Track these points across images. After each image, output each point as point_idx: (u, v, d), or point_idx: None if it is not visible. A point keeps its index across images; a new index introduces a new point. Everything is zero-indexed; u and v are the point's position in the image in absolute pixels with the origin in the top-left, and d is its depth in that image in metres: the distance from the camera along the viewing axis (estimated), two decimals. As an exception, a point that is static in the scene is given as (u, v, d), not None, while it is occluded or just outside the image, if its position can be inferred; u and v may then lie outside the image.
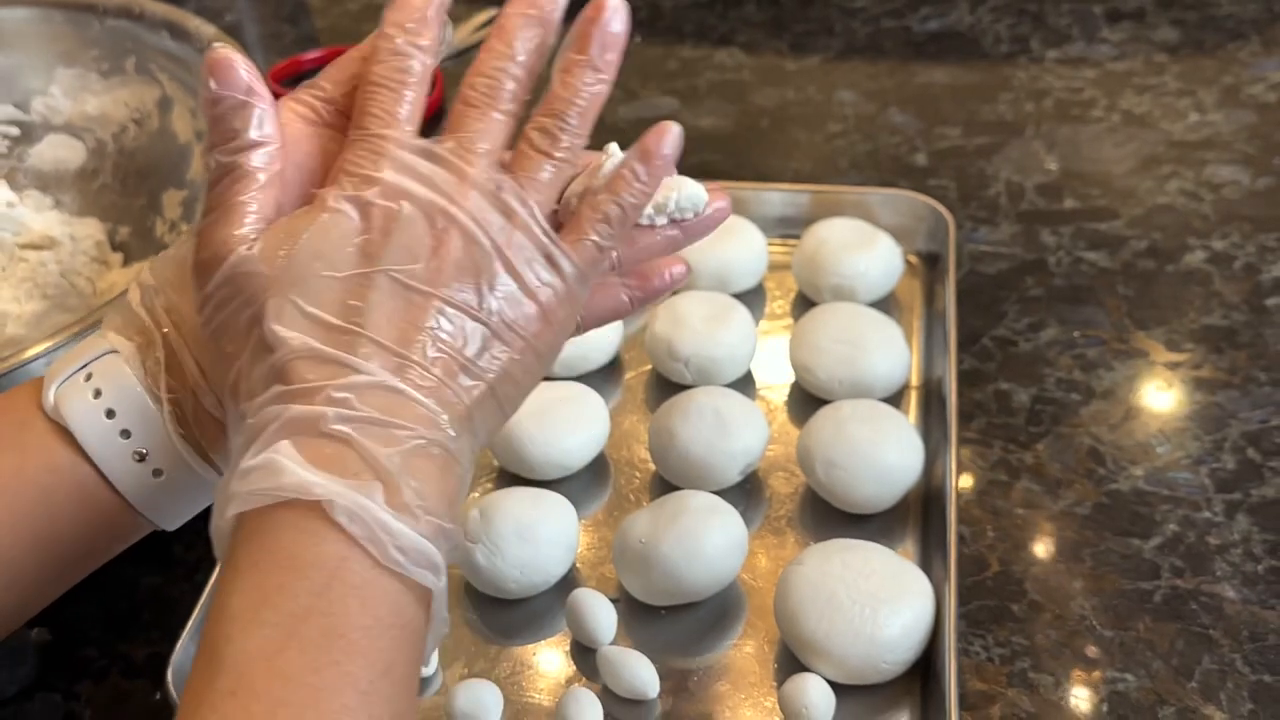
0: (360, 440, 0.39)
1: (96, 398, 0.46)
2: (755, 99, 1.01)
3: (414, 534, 0.39)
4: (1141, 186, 0.89)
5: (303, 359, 0.41)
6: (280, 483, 0.39)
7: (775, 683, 0.60)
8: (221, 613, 0.38)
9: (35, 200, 0.81)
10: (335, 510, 0.38)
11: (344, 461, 0.39)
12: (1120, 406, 0.73)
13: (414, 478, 0.40)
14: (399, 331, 0.41)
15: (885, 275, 0.78)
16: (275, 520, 0.39)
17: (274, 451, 0.39)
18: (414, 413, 0.41)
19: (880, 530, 0.66)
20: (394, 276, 0.42)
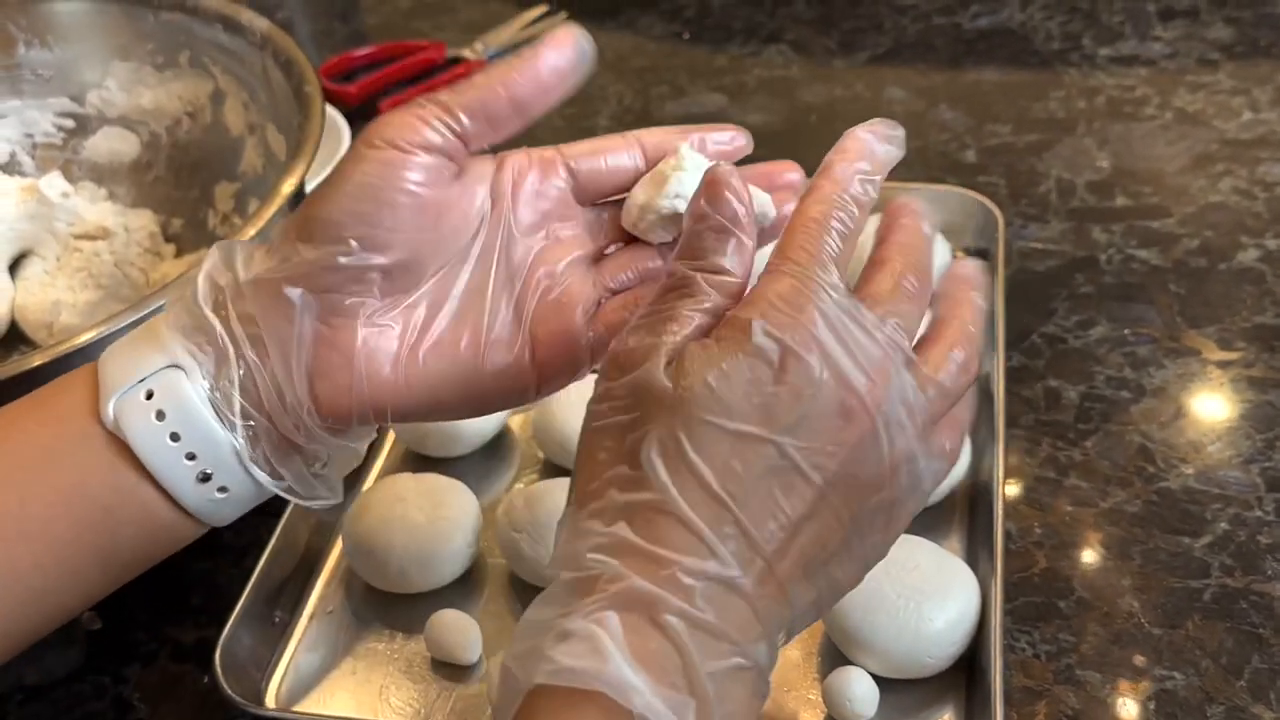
0: (689, 647, 0.37)
1: (160, 420, 0.45)
2: (803, 96, 1.00)
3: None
4: (1194, 185, 0.88)
5: (665, 517, 0.38)
6: (603, 671, 0.36)
7: (818, 675, 0.59)
8: None
9: (90, 191, 0.82)
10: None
11: (668, 666, 0.36)
12: (1170, 404, 0.72)
13: (725, 703, 0.37)
14: (768, 518, 0.38)
15: (933, 271, 0.77)
16: (580, 710, 0.36)
17: (600, 625, 0.37)
18: (748, 626, 0.38)
19: (926, 526, 0.65)
20: (786, 451, 0.39)
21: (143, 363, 0.45)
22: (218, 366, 0.45)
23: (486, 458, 0.72)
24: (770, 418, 0.39)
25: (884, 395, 0.40)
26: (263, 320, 0.45)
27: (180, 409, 0.45)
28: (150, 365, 0.45)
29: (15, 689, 0.62)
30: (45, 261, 0.78)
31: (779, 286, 0.40)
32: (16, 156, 0.83)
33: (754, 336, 0.39)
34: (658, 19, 1.11)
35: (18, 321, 0.77)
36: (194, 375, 0.45)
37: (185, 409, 0.45)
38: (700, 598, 0.37)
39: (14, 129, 0.83)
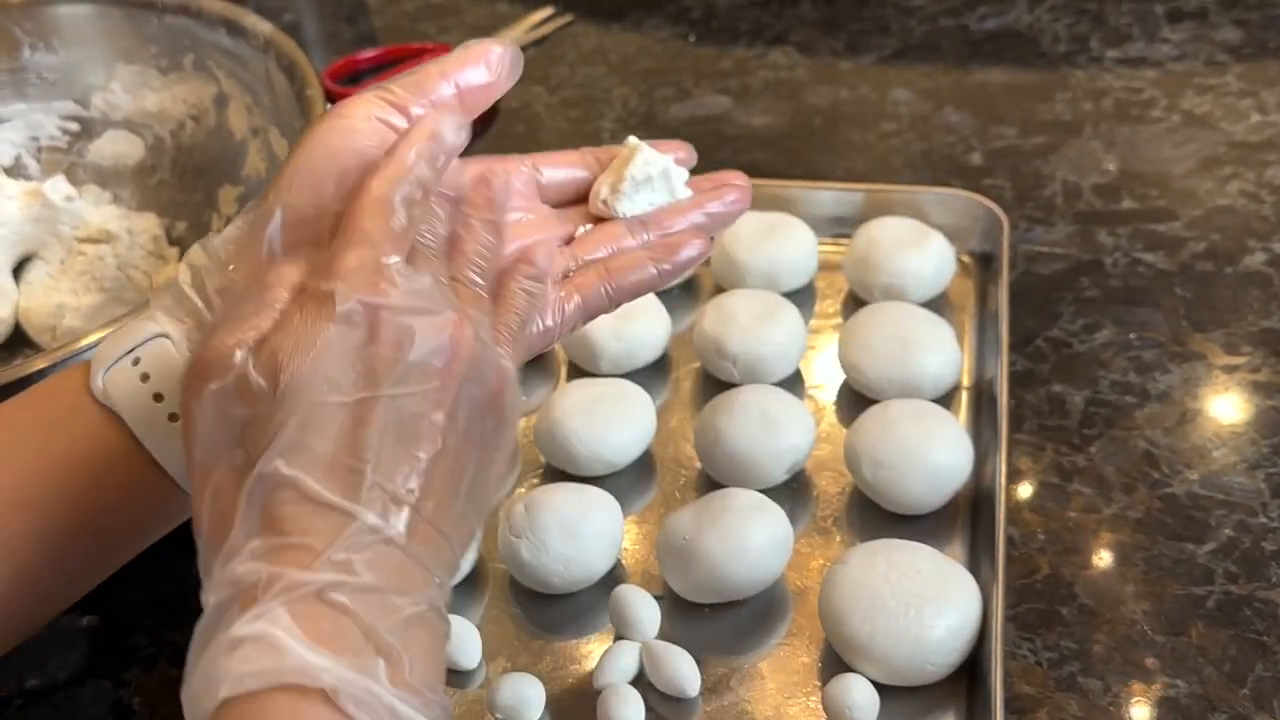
0: (363, 613, 0.37)
1: (144, 381, 0.47)
2: (809, 98, 1.00)
3: (417, 713, 0.37)
4: (1201, 187, 0.87)
5: (303, 506, 0.38)
6: (282, 664, 0.36)
7: (819, 683, 0.59)
8: None
9: (94, 195, 0.83)
10: (342, 698, 0.36)
11: (346, 637, 0.37)
12: (1176, 409, 0.72)
13: (412, 650, 0.38)
14: (401, 469, 0.39)
15: (937, 275, 0.77)
16: (270, 708, 0.36)
17: (271, 623, 0.36)
18: (411, 575, 0.39)
19: (928, 532, 0.65)
20: (398, 402, 0.40)
21: (132, 335, 0.47)
22: (195, 335, 0.47)
23: (488, 462, 0.71)
24: (376, 377, 0.40)
25: (472, 321, 0.42)
26: (234, 283, 0.46)
27: (164, 371, 0.46)
28: (139, 336, 0.47)
29: (15, 693, 0.62)
30: (49, 264, 0.79)
31: (350, 257, 0.41)
32: (21, 159, 0.84)
33: (339, 305, 0.40)
34: (663, 21, 1.11)
35: (21, 324, 0.77)
36: (180, 343, 0.47)
37: (169, 368, 0.46)
38: (359, 566, 0.38)
39: (19, 132, 0.83)
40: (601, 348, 0.74)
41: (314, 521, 0.38)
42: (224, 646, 0.36)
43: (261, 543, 0.38)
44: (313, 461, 0.39)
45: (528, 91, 1.04)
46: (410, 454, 0.40)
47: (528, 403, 0.75)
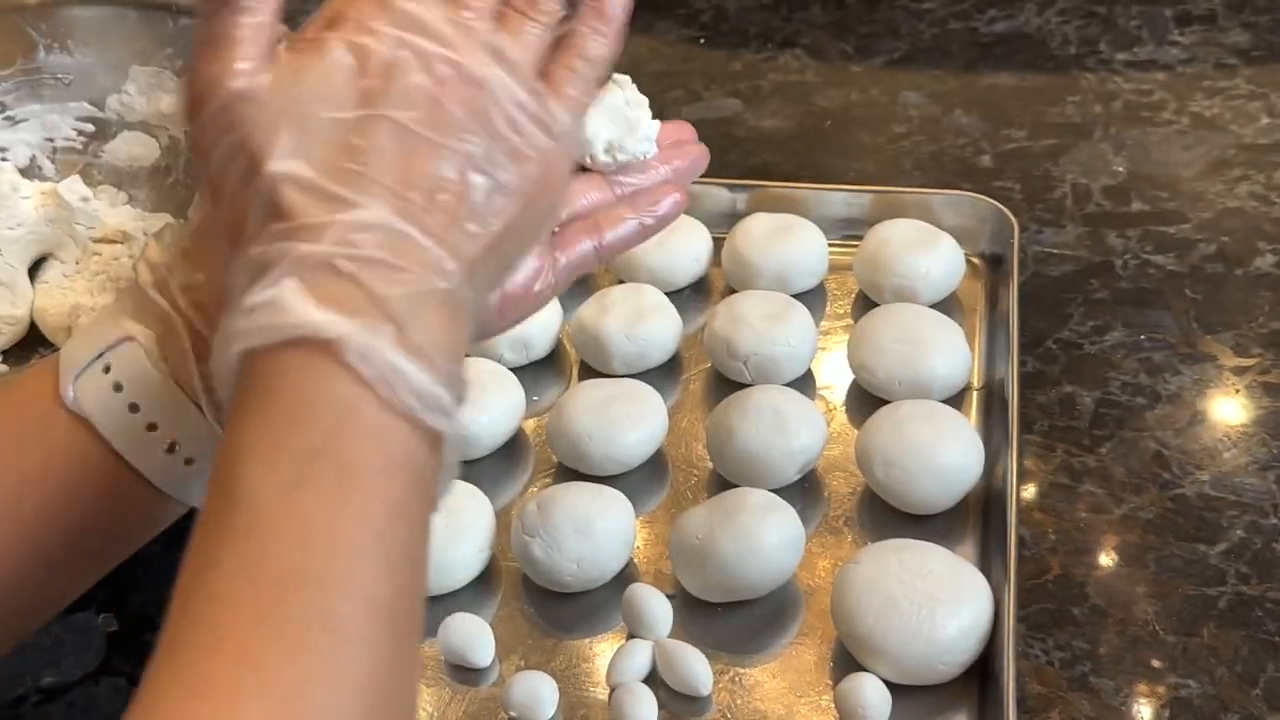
0: (369, 280, 0.38)
1: (118, 391, 0.46)
2: (819, 101, 1.00)
3: (426, 377, 0.38)
4: (1211, 190, 0.87)
5: (306, 193, 0.39)
6: (289, 320, 0.37)
7: (831, 682, 0.59)
8: (233, 453, 0.37)
9: (109, 195, 0.83)
10: (346, 350, 0.37)
11: (353, 301, 0.38)
12: (1186, 411, 0.72)
13: (423, 319, 0.39)
14: (403, 175, 0.40)
15: (947, 276, 0.77)
16: (283, 360, 0.37)
17: (280, 288, 0.38)
18: (420, 256, 0.39)
19: (939, 532, 0.65)
20: (397, 120, 0.40)
21: (99, 339, 0.46)
22: (166, 341, 0.46)
23: (500, 461, 0.72)
24: (370, 101, 0.40)
25: (472, 56, 0.42)
26: (200, 277, 0.46)
27: (137, 379, 0.46)
28: (106, 340, 0.46)
29: (31, 690, 0.63)
30: (65, 265, 0.79)
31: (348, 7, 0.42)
32: (37, 160, 0.84)
33: (329, 46, 0.41)
34: (673, 23, 1.11)
35: (37, 324, 0.78)
36: (151, 347, 0.46)
37: (142, 378, 0.46)
38: (365, 241, 0.38)
39: (34, 133, 0.83)
40: (613, 348, 0.74)
41: (321, 205, 0.39)
42: (240, 313, 0.38)
43: (271, 228, 0.39)
44: (315, 162, 0.39)
45: (538, 94, 1.04)
46: (410, 167, 0.40)
47: (538, 403, 0.75)
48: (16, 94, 0.83)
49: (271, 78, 0.41)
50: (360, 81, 0.41)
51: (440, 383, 0.38)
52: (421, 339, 0.38)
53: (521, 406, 0.72)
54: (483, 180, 0.41)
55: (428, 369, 0.38)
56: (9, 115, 0.83)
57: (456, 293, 0.40)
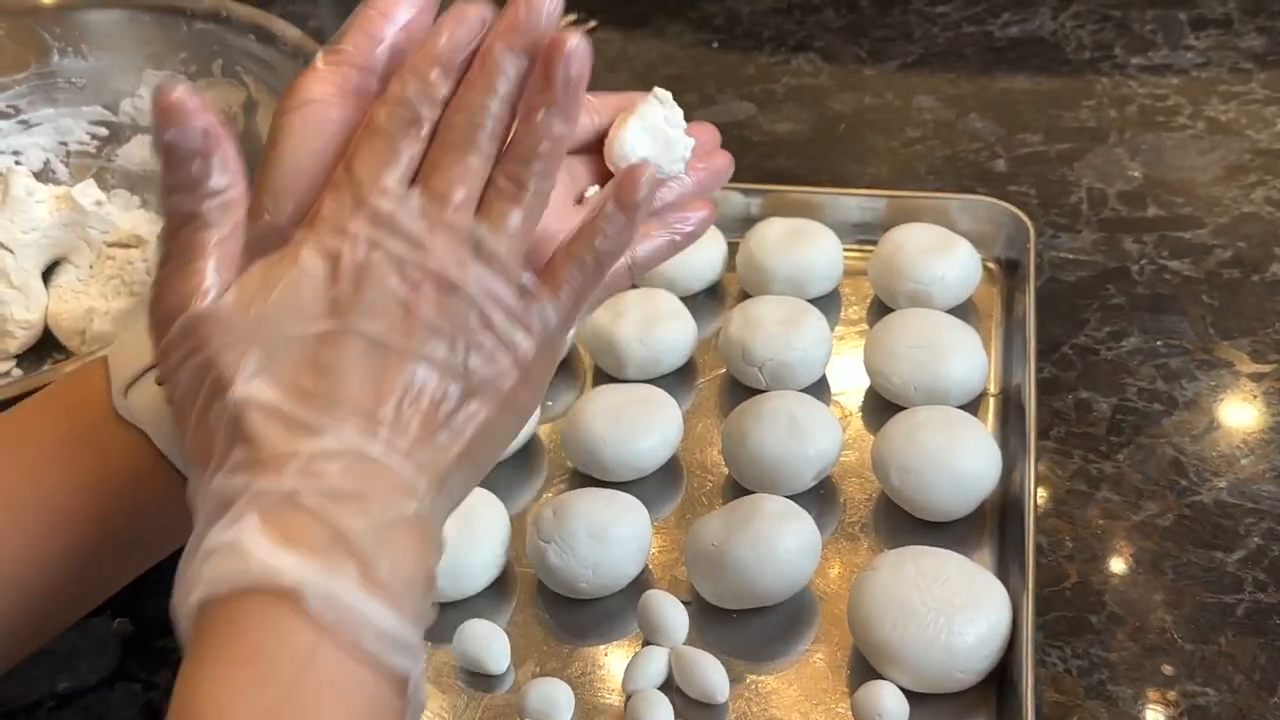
0: (333, 515, 0.37)
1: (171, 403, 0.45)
2: (832, 105, 1.00)
3: (392, 617, 0.37)
4: (1227, 195, 0.87)
5: (271, 420, 0.39)
6: (248, 567, 0.36)
7: (848, 690, 0.59)
8: (187, 711, 0.36)
9: (123, 200, 0.83)
10: (307, 597, 0.36)
11: (314, 539, 0.37)
12: (1203, 417, 0.72)
13: (389, 552, 0.38)
14: (372, 392, 0.39)
15: (963, 281, 0.77)
16: (241, 609, 0.36)
17: (240, 529, 0.37)
18: (388, 481, 0.39)
19: (956, 539, 0.65)
20: (366, 333, 0.40)
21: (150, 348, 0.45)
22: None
23: (515, 467, 0.72)
24: (340, 312, 0.40)
25: (445, 254, 0.41)
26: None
27: None
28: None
29: (47, 695, 0.63)
30: (79, 269, 0.79)
31: (325, 204, 0.41)
32: (50, 164, 0.84)
33: (301, 255, 0.40)
34: (686, 27, 1.11)
35: (51, 329, 0.78)
36: None
37: None
38: (330, 472, 0.38)
39: (48, 137, 0.84)
40: (628, 354, 0.74)
41: (286, 432, 0.38)
42: (199, 556, 0.37)
43: (235, 456, 0.39)
44: (281, 386, 0.39)
45: (551, 97, 1.04)
46: (383, 382, 0.40)
47: (553, 408, 0.75)
48: (30, 98, 0.83)
49: (237, 295, 0.41)
50: (331, 290, 0.40)
51: (407, 620, 0.38)
52: (388, 574, 0.37)
53: (537, 412, 0.72)
54: (455, 388, 0.41)
55: (393, 608, 0.37)
56: (23, 119, 0.83)
57: (425, 514, 0.40)
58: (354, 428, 0.39)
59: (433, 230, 0.41)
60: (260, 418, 0.39)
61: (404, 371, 0.40)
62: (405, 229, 0.41)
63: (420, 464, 0.40)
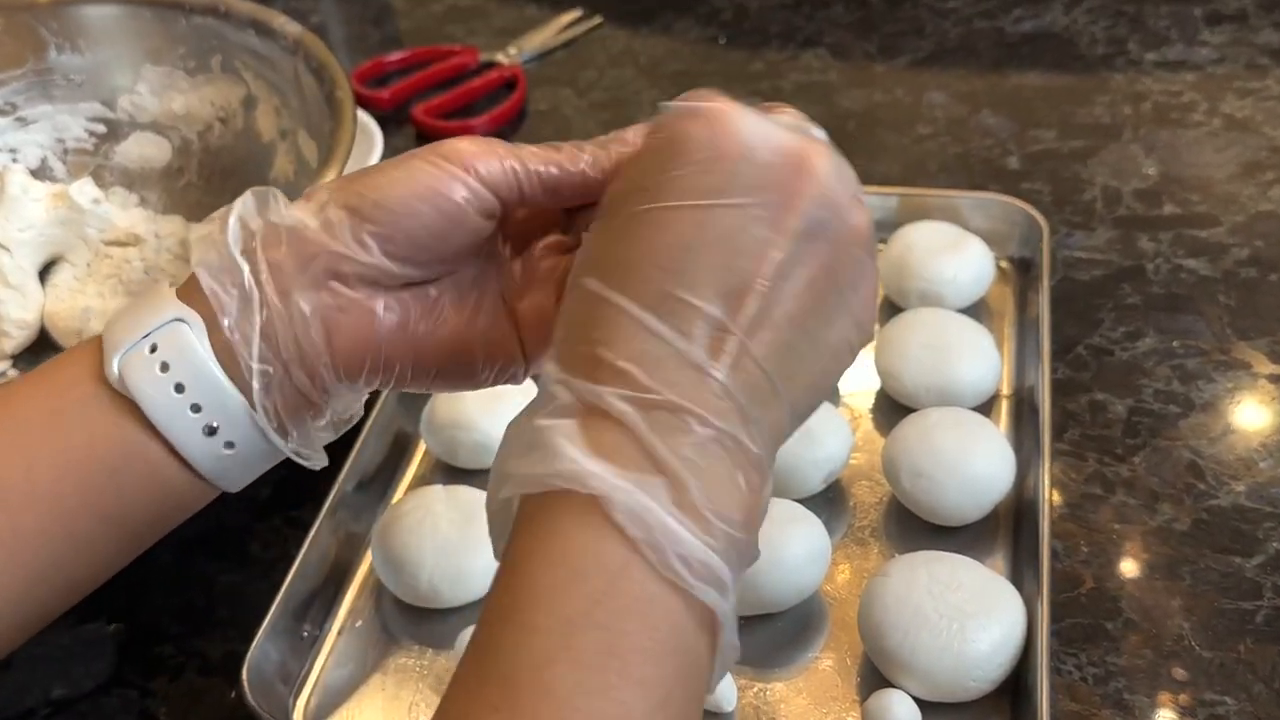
0: (642, 426, 0.36)
1: (164, 371, 0.45)
2: (842, 101, 0.99)
3: (698, 543, 0.35)
4: (1244, 193, 0.85)
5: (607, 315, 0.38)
6: (557, 469, 0.36)
7: (858, 698, 0.58)
8: (495, 611, 0.36)
9: (121, 197, 0.82)
10: (613, 508, 0.35)
11: (626, 451, 0.36)
12: (1221, 419, 0.70)
13: (704, 477, 0.36)
14: (720, 285, 0.37)
15: (975, 280, 0.76)
16: (554, 510, 0.36)
17: (556, 431, 0.36)
18: (709, 397, 0.37)
19: (968, 543, 0.63)
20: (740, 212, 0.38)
21: (146, 320, 0.45)
22: (241, 308, 0.45)
23: (519, 469, 0.70)
24: (707, 188, 0.38)
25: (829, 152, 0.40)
26: (291, 267, 0.45)
27: (185, 360, 0.44)
28: (154, 321, 0.45)
29: (42, 702, 0.62)
30: (76, 268, 0.78)
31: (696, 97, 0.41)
32: (48, 162, 0.83)
33: (669, 123, 0.39)
34: (694, 23, 1.10)
35: (47, 328, 0.77)
36: (198, 329, 0.45)
37: (190, 360, 0.44)
38: (652, 379, 0.36)
39: (45, 134, 0.82)
40: (633, 354, 0.73)
41: (615, 334, 0.37)
42: (515, 448, 0.38)
43: (577, 352, 0.38)
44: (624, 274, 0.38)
45: (556, 94, 1.03)
46: (736, 269, 0.38)
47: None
48: (27, 94, 0.82)
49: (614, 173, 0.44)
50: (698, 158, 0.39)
51: (718, 550, 0.36)
52: (700, 496, 0.36)
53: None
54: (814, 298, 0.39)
55: (701, 529, 0.36)
56: (20, 116, 0.82)
57: (749, 443, 0.37)
58: (684, 324, 0.37)
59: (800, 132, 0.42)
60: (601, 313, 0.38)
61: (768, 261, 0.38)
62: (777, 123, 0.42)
63: (751, 389, 0.38)
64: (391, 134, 0.96)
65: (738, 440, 0.37)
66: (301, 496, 0.68)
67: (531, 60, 1.07)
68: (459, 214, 0.45)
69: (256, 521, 0.69)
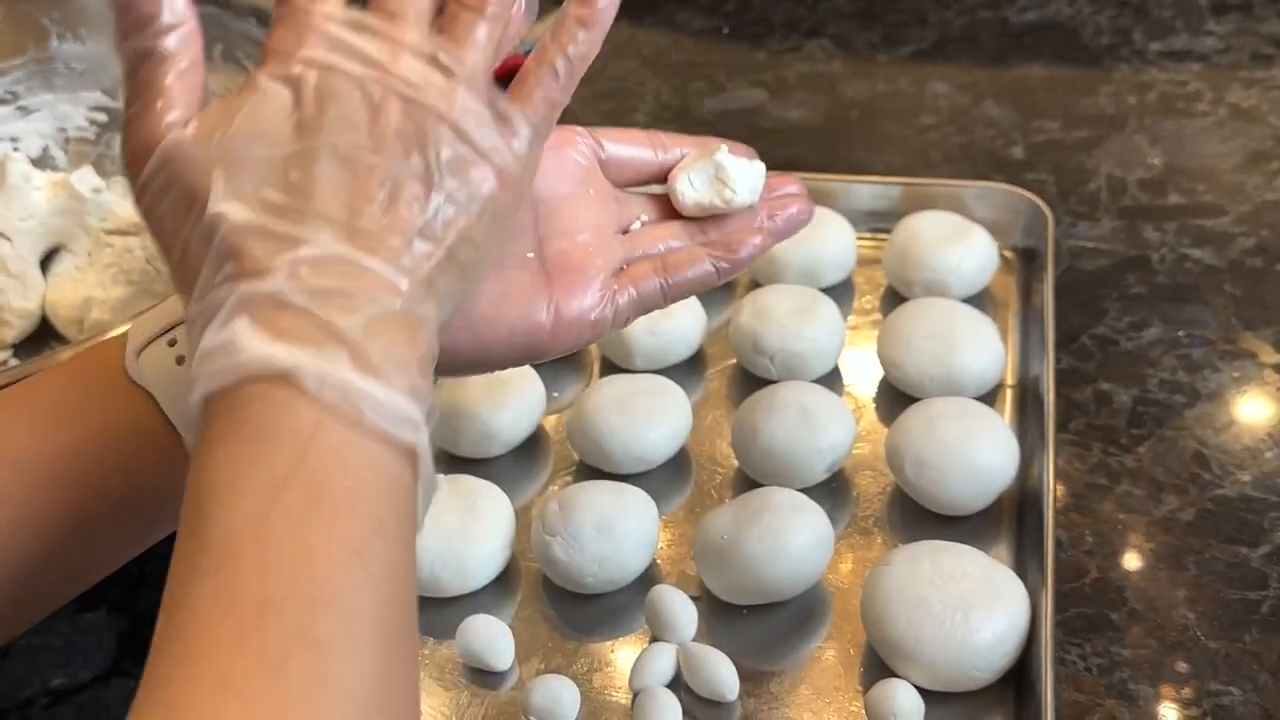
0: (320, 310, 0.38)
1: (180, 364, 0.46)
2: (845, 91, 0.98)
3: (385, 392, 0.37)
4: (1249, 182, 0.85)
5: (251, 236, 0.39)
6: (241, 360, 0.37)
7: (861, 688, 0.58)
8: (198, 491, 0.37)
9: (122, 186, 0.81)
10: (303, 378, 0.37)
11: (304, 331, 0.38)
12: (1226, 409, 0.70)
13: (380, 340, 0.38)
14: (347, 202, 0.39)
15: (980, 270, 0.75)
16: (242, 397, 0.37)
17: (232, 328, 0.38)
18: (372, 281, 0.39)
19: (972, 533, 0.63)
20: (336, 148, 0.40)
21: (170, 313, 0.47)
22: None
23: (520, 459, 0.70)
24: (306, 132, 0.40)
25: (404, 68, 0.41)
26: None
27: None
28: (177, 314, 0.47)
29: (41, 692, 0.61)
30: (76, 257, 0.77)
31: (273, 39, 0.42)
32: (49, 151, 0.82)
33: (259, 83, 0.41)
34: (696, 13, 1.09)
35: (48, 317, 0.76)
36: None
37: None
38: (313, 274, 0.38)
39: (46, 123, 0.82)
40: (635, 344, 0.73)
41: (267, 245, 0.39)
42: (196, 361, 0.38)
43: (221, 272, 0.39)
44: (257, 204, 0.39)
45: (559, 85, 1.02)
46: (348, 186, 0.40)
47: (559, 399, 0.74)
48: (28, 83, 0.81)
49: (199, 125, 0.41)
50: (294, 115, 0.40)
51: (403, 395, 0.38)
52: (379, 358, 0.38)
53: (542, 403, 0.71)
54: (431, 195, 0.41)
55: (386, 385, 0.38)
56: (21, 105, 0.81)
57: (414, 310, 0.40)
58: (331, 235, 0.39)
59: (390, 46, 0.41)
60: (240, 235, 0.39)
61: (374, 181, 0.40)
62: (361, 50, 0.41)
63: (402, 268, 0.40)
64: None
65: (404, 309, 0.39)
66: (302, 486, 0.68)
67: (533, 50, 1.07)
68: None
69: (257, 511, 0.69)
